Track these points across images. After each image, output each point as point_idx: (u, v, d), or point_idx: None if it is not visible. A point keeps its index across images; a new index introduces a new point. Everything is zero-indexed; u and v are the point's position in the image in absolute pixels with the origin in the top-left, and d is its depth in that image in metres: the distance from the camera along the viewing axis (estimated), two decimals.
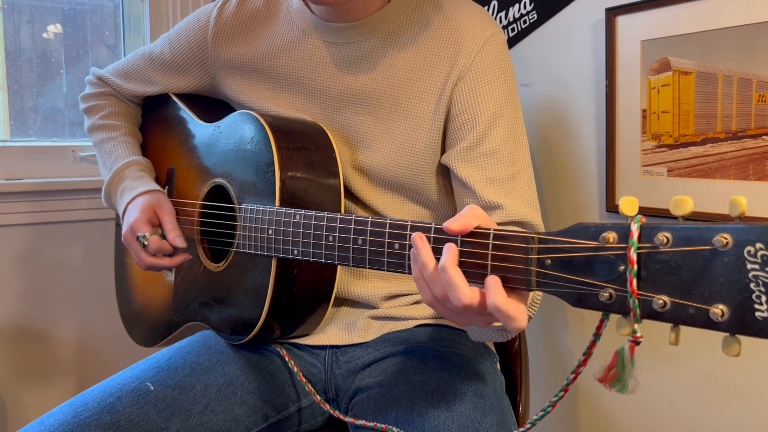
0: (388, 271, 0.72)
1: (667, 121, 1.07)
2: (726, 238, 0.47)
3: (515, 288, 0.62)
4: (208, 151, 1.03)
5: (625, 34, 1.12)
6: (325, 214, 0.79)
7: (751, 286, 0.46)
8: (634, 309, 0.52)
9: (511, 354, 1.11)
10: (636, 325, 0.53)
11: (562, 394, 0.63)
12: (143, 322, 1.18)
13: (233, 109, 1.08)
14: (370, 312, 1.00)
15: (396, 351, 0.95)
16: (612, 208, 1.17)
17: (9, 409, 1.50)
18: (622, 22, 1.12)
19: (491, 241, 0.62)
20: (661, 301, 0.50)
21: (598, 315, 0.57)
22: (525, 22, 1.32)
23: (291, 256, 0.84)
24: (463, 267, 0.64)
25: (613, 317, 0.55)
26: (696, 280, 0.49)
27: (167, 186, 1.13)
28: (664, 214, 1.08)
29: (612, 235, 0.53)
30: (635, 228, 0.52)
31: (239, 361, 0.96)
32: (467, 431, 0.79)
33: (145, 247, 1.01)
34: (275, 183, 0.88)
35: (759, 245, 0.45)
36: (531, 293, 0.71)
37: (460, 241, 0.65)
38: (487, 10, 1.36)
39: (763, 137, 0.96)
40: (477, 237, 0.64)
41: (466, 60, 0.92)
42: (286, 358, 0.95)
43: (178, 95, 1.15)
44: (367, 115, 0.97)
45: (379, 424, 0.82)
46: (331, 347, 0.99)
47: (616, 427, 1.23)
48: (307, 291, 0.92)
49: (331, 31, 0.98)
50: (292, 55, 1.01)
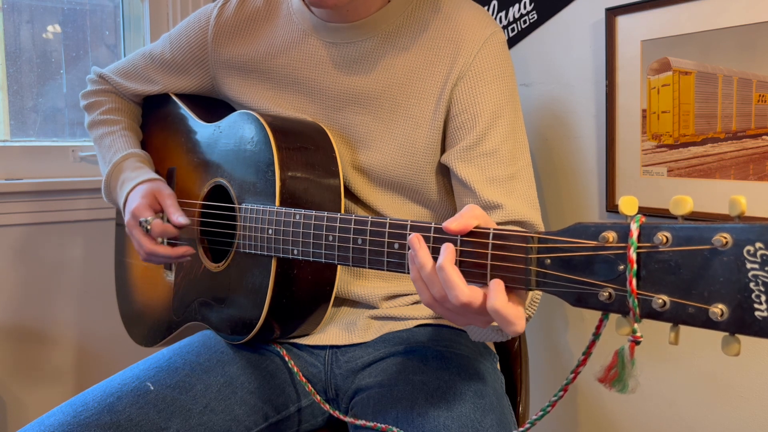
0: (388, 270, 0.72)
1: (667, 121, 1.07)
2: (726, 238, 0.47)
3: (515, 288, 0.62)
4: (208, 151, 1.03)
5: (625, 34, 1.12)
6: (325, 214, 0.79)
7: (751, 285, 0.46)
8: (633, 308, 0.52)
9: (511, 354, 1.11)
10: (636, 325, 0.53)
11: (561, 393, 0.63)
12: (143, 322, 1.18)
13: (233, 109, 1.08)
14: (370, 312, 1.00)
15: (396, 351, 0.95)
16: (612, 207, 1.17)
17: (9, 409, 1.50)
18: (622, 22, 1.12)
19: (491, 241, 0.62)
20: (660, 300, 0.50)
21: (598, 315, 0.57)
22: (525, 22, 1.32)
23: (291, 256, 0.84)
24: (462, 267, 0.64)
25: (613, 317, 0.55)
26: (696, 280, 0.49)
27: None
28: (664, 214, 1.08)
29: (612, 235, 0.53)
30: (635, 227, 0.52)
31: (239, 361, 0.96)
32: (467, 431, 0.79)
33: (149, 232, 0.99)
34: (275, 183, 0.88)
35: (759, 245, 0.45)
36: (530, 293, 0.71)
37: (459, 241, 0.65)
38: (487, 10, 1.36)
39: (763, 137, 0.96)
40: (477, 237, 0.64)
41: (466, 60, 0.92)
42: (286, 358, 0.95)
43: (179, 95, 1.15)
44: (367, 115, 0.97)
45: (379, 424, 0.82)
46: (331, 347, 0.99)
47: (616, 426, 1.23)
48: (307, 291, 0.92)
49: (331, 32, 0.98)
50: (292, 55, 1.01)
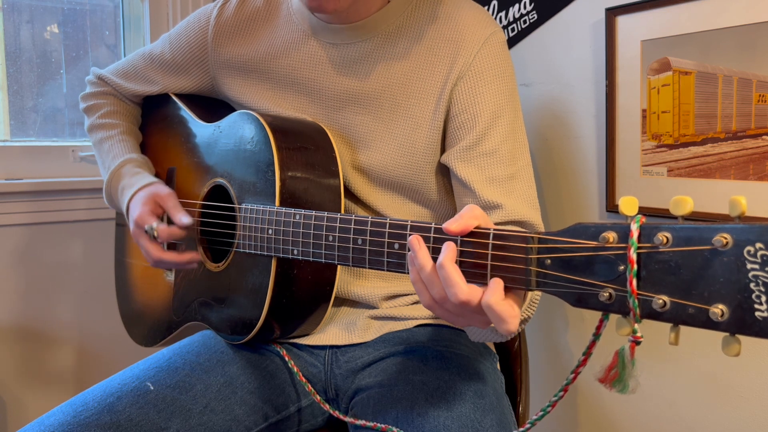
0: (388, 271, 0.72)
1: (667, 121, 1.07)
2: (726, 238, 0.47)
3: (515, 288, 0.62)
4: (208, 151, 1.03)
5: (625, 34, 1.12)
6: (325, 214, 0.79)
7: (751, 285, 0.46)
8: (633, 309, 0.52)
9: (511, 354, 1.11)
10: (636, 325, 0.53)
11: (561, 393, 0.63)
12: (143, 322, 1.18)
13: (233, 109, 1.08)
14: (370, 312, 1.00)
15: (396, 351, 0.95)
16: (612, 208, 1.17)
17: (9, 409, 1.50)
18: (622, 22, 1.12)
19: (491, 241, 0.62)
20: (660, 300, 0.50)
21: (598, 315, 0.57)
22: (525, 22, 1.32)
23: (291, 256, 0.84)
24: (462, 267, 0.64)
25: (613, 317, 0.55)
26: (696, 280, 0.49)
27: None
28: (664, 214, 1.08)
29: (612, 235, 0.53)
30: (635, 228, 0.52)
31: (239, 361, 0.96)
32: (467, 431, 0.79)
33: (156, 239, 1.00)
34: (275, 183, 0.88)
35: (759, 245, 0.45)
36: (529, 293, 0.71)
37: (459, 241, 0.65)
38: (487, 10, 1.36)
39: (763, 137, 0.96)
40: (477, 237, 0.64)
41: (466, 59, 0.92)
42: (286, 358, 0.95)
43: (178, 95, 1.15)
44: (367, 115, 0.97)
45: (379, 424, 0.82)
46: (331, 347, 0.99)
47: (616, 427, 1.23)
48: (307, 291, 0.92)
49: (331, 33, 0.98)
50: (292, 56, 1.01)
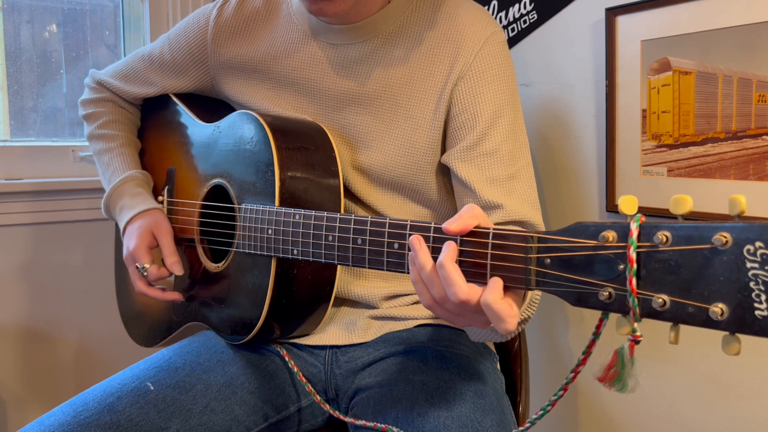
0: (388, 270, 0.72)
1: (667, 121, 1.07)
2: (725, 237, 0.47)
3: (515, 288, 0.62)
4: (207, 151, 1.03)
5: (625, 34, 1.12)
6: (325, 214, 0.79)
7: (751, 284, 0.46)
8: (633, 308, 0.52)
9: (511, 354, 1.11)
10: (636, 324, 0.53)
11: (561, 393, 0.63)
12: (143, 322, 1.18)
13: (233, 109, 1.08)
14: (370, 312, 0.99)
15: (396, 351, 0.95)
16: (612, 207, 1.17)
17: (9, 409, 1.50)
18: (622, 22, 1.12)
19: (490, 241, 0.62)
20: (660, 300, 0.50)
21: (598, 314, 0.57)
22: (525, 22, 1.32)
23: (291, 256, 0.84)
24: (462, 267, 0.64)
25: (613, 316, 0.55)
26: (695, 279, 0.49)
27: (167, 186, 1.13)
28: (664, 213, 1.08)
29: (611, 234, 0.53)
30: (634, 227, 0.52)
31: (239, 361, 0.96)
32: (467, 431, 0.79)
33: (145, 276, 1.02)
34: (275, 183, 0.88)
35: (758, 244, 0.45)
36: (529, 293, 0.71)
37: (459, 241, 0.65)
38: (487, 9, 1.36)
39: (763, 137, 0.96)
40: (476, 236, 0.64)
41: (466, 59, 0.92)
42: (286, 358, 0.95)
43: (178, 95, 1.15)
44: (367, 115, 0.97)
45: (379, 424, 0.82)
46: (331, 347, 0.99)
47: (616, 426, 1.23)
48: (306, 291, 0.92)
49: (331, 33, 0.98)
50: (292, 56, 1.01)
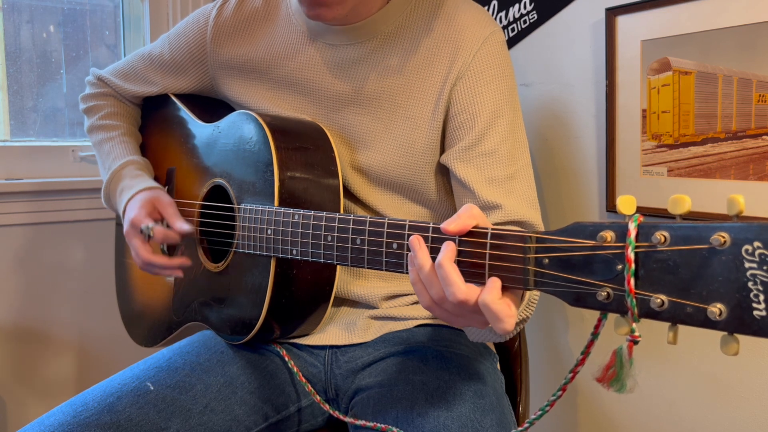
0: (387, 270, 0.72)
1: (667, 121, 1.07)
2: (724, 237, 0.47)
3: (513, 288, 0.62)
4: (207, 151, 1.03)
5: (625, 34, 1.12)
6: (324, 214, 0.79)
7: (749, 285, 0.46)
8: (632, 308, 0.52)
9: (511, 354, 1.11)
10: (634, 325, 0.53)
11: (560, 393, 0.63)
12: (143, 322, 1.18)
13: (233, 109, 1.08)
14: (369, 312, 0.99)
15: (396, 351, 0.95)
16: (612, 208, 1.17)
17: (9, 409, 1.50)
18: (622, 22, 1.12)
19: (489, 241, 0.62)
20: (659, 300, 0.50)
21: (598, 314, 0.57)
22: (525, 22, 1.32)
23: (290, 256, 0.84)
24: (461, 267, 0.64)
25: (612, 316, 0.55)
26: (694, 279, 0.48)
27: (167, 186, 1.13)
28: (664, 213, 1.08)
29: (609, 234, 0.53)
30: (633, 227, 0.52)
31: (239, 361, 0.96)
32: (467, 431, 0.79)
33: (150, 239, 0.99)
34: (274, 183, 0.88)
35: (757, 244, 0.45)
36: (527, 293, 0.71)
37: (458, 241, 0.65)
38: (487, 10, 1.36)
39: (763, 137, 0.96)
40: (475, 237, 0.64)
41: (465, 59, 0.92)
42: (286, 358, 0.95)
43: (178, 95, 1.15)
44: (367, 116, 0.97)
45: (379, 424, 0.82)
46: (331, 347, 0.99)
47: (616, 426, 1.23)
48: (306, 291, 0.92)
49: (330, 34, 0.98)
50: (292, 57, 1.01)
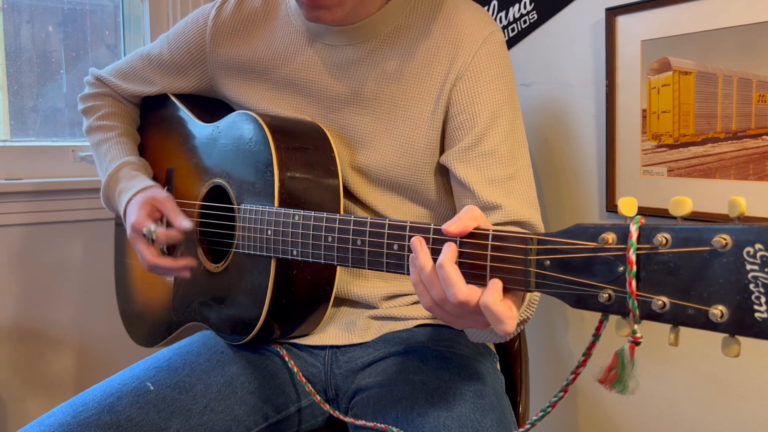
0: (387, 271, 0.72)
1: (667, 121, 1.07)
2: (725, 239, 0.47)
3: (514, 289, 0.62)
4: (207, 151, 1.03)
5: (625, 34, 1.12)
6: (324, 215, 0.79)
7: (751, 287, 0.46)
8: (633, 310, 0.52)
9: (511, 354, 1.11)
10: (635, 326, 0.53)
11: (561, 394, 0.63)
12: (143, 323, 1.18)
13: (232, 109, 1.08)
14: (369, 312, 0.99)
15: (396, 351, 0.95)
16: (612, 208, 1.17)
17: (9, 409, 1.50)
18: (622, 22, 1.12)
19: (490, 242, 0.62)
20: (660, 301, 0.50)
21: (599, 315, 0.57)
22: (525, 22, 1.32)
23: (290, 257, 0.84)
24: (462, 268, 0.64)
25: (613, 318, 0.55)
26: (695, 281, 0.48)
27: (166, 186, 1.13)
28: (664, 214, 1.08)
29: (611, 236, 0.53)
30: (634, 229, 0.52)
31: (239, 361, 0.96)
32: (467, 431, 0.79)
33: (154, 242, 0.99)
34: (274, 183, 0.88)
35: (758, 246, 0.45)
36: (528, 294, 0.71)
37: (459, 242, 0.64)
38: (487, 10, 1.36)
39: (763, 137, 0.96)
40: (476, 238, 0.63)
41: (465, 59, 0.92)
42: (286, 358, 0.95)
43: (177, 95, 1.15)
44: (366, 116, 0.97)
45: (379, 424, 0.82)
46: (331, 347, 0.99)
47: (617, 427, 1.23)
48: (306, 291, 0.92)
49: (329, 35, 0.98)
50: (291, 57, 1.01)
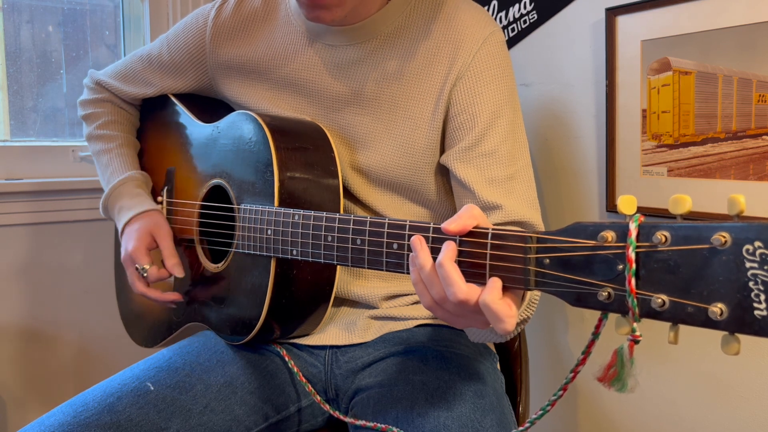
0: (387, 271, 0.72)
1: (667, 121, 1.07)
2: (724, 237, 0.47)
3: (514, 288, 0.62)
4: (207, 151, 1.03)
5: (625, 34, 1.12)
6: (324, 214, 0.79)
7: (750, 284, 0.46)
8: (632, 308, 0.52)
9: (511, 354, 1.11)
10: (635, 324, 0.53)
11: (560, 393, 0.63)
12: (143, 323, 1.18)
13: (232, 110, 1.07)
14: (370, 312, 0.99)
15: (396, 351, 0.95)
16: (612, 208, 1.17)
17: (9, 409, 1.50)
18: (622, 22, 1.12)
19: (489, 241, 0.62)
20: (659, 300, 0.50)
21: (598, 314, 0.57)
22: (525, 22, 1.32)
23: (290, 257, 0.84)
24: (461, 267, 0.64)
25: (612, 316, 0.55)
26: (695, 279, 0.48)
27: (166, 186, 1.13)
28: (664, 213, 1.08)
29: (610, 234, 0.53)
30: (633, 227, 0.52)
31: (239, 361, 0.96)
32: (467, 431, 0.79)
33: (145, 278, 1.02)
34: (274, 183, 0.88)
35: (758, 243, 0.45)
36: (528, 294, 0.71)
37: (458, 241, 0.65)
38: (487, 10, 1.36)
39: (763, 137, 0.96)
40: (475, 237, 0.64)
41: (465, 59, 0.92)
42: (286, 358, 0.95)
43: (177, 95, 1.15)
44: (366, 116, 0.97)
45: (379, 424, 0.82)
46: (331, 347, 0.99)
47: (616, 426, 1.23)
48: (306, 291, 0.92)
49: (330, 35, 0.98)
50: (291, 58, 1.01)
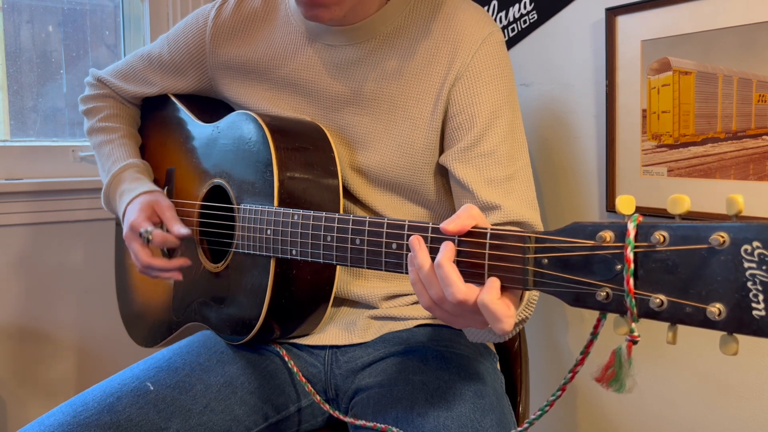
0: (386, 270, 0.72)
1: (667, 121, 1.07)
2: (723, 237, 0.47)
3: (513, 288, 0.62)
4: (206, 151, 1.03)
5: (625, 34, 1.12)
6: (323, 214, 0.79)
7: (748, 284, 0.46)
8: (631, 308, 0.52)
9: (511, 354, 1.11)
10: (633, 324, 0.53)
11: (559, 393, 0.63)
12: (143, 323, 1.18)
13: (232, 110, 1.08)
14: (369, 312, 1.00)
15: (396, 351, 0.95)
16: (612, 208, 1.17)
17: (9, 409, 1.50)
18: (622, 22, 1.12)
19: (488, 241, 0.62)
20: (658, 300, 0.50)
21: (597, 314, 0.57)
22: (525, 22, 1.32)
23: (290, 257, 0.84)
24: (460, 267, 0.64)
25: (611, 316, 0.55)
26: (693, 279, 0.48)
27: (166, 186, 1.13)
28: (664, 214, 1.08)
29: (609, 234, 0.53)
30: (632, 227, 0.52)
31: (239, 361, 0.96)
32: (467, 431, 0.79)
33: (149, 243, 0.99)
34: (274, 183, 0.88)
35: (756, 244, 0.45)
36: (527, 294, 0.71)
37: (457, 241, 0.65)
38: (487, 10, 1.36)
39: (763, 137, 0.96)
40: (474, 237, 0.64)
41: (464, 60, 0.92)
42: (286, 358, 0.95)
43: (177, 95, 1.15)
44: (366, 116, 0.97)
45: (379, 424, 0.82)
46: (331, 347, 0.99)
47: (615, 426, 1.23)
48: (306, 291, 0.92)
49: (329, 35, 0.98)
50: (291, 58, 1.01)
